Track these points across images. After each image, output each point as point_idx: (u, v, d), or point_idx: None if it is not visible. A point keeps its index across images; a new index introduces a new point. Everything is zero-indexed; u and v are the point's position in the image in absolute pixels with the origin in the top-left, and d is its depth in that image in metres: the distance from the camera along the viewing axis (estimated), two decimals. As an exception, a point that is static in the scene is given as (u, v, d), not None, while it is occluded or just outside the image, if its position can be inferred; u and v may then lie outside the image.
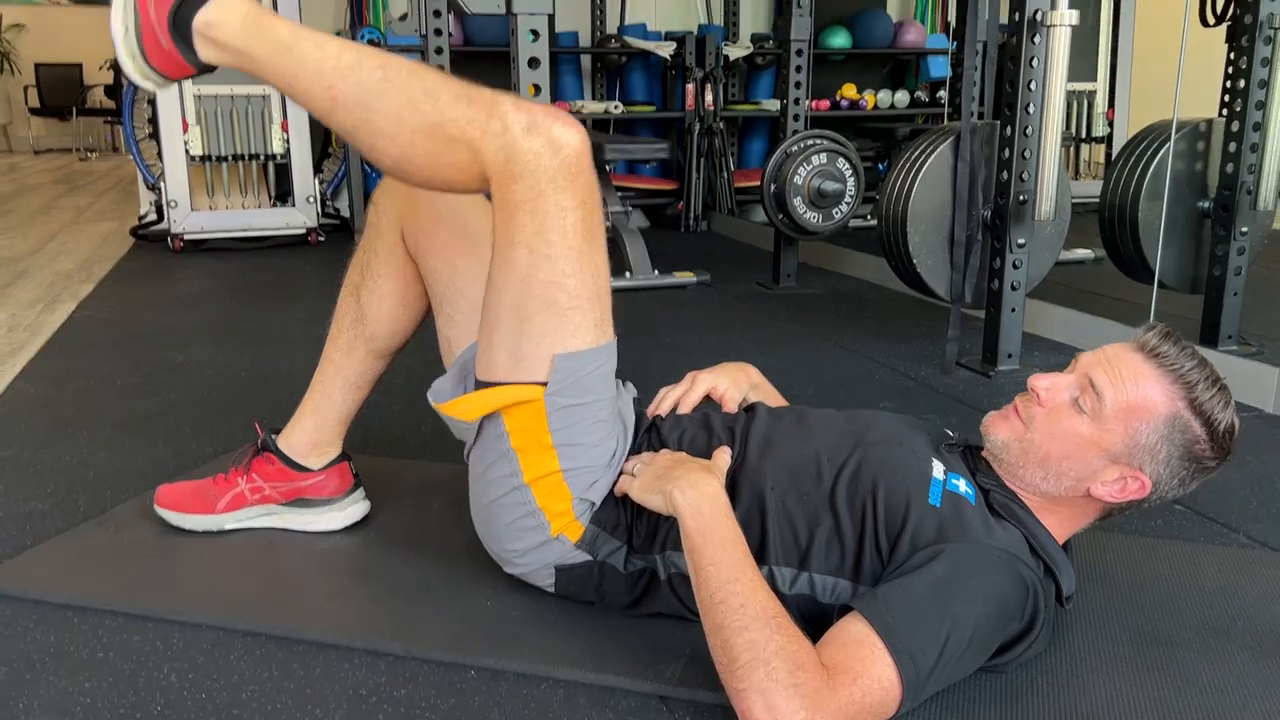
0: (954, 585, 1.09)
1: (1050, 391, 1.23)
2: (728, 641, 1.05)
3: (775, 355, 2.74)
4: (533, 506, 1.30)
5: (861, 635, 1.04)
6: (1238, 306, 2.63)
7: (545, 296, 1.22)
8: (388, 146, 1.22)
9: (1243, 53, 2.54)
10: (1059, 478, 1.22)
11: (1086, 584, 1.40)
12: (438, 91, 1.19)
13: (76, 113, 10.26)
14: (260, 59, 1.25)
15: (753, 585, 1.09)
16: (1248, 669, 1.23)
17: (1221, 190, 2.63)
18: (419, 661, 1.25)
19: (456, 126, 1.18)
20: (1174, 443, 1.18)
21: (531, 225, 1.19)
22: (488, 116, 1.17)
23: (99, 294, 3.54)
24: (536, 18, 2.09)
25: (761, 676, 1.00)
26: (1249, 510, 1.73)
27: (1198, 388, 1.17)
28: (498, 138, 1.17)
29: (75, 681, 1.21)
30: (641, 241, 3.77)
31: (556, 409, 1.26)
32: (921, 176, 2.64)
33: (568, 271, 1.21)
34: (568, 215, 1.20)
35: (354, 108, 1.21)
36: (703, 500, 1.18)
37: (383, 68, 1.20)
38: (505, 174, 1.18)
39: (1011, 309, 2.54)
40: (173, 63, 1.29)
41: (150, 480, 1.79)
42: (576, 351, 1.25)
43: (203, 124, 4.32)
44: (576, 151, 1.18)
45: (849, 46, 5.42)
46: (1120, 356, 1.21)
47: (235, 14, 1.25)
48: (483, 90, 1.20)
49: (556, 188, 1.18)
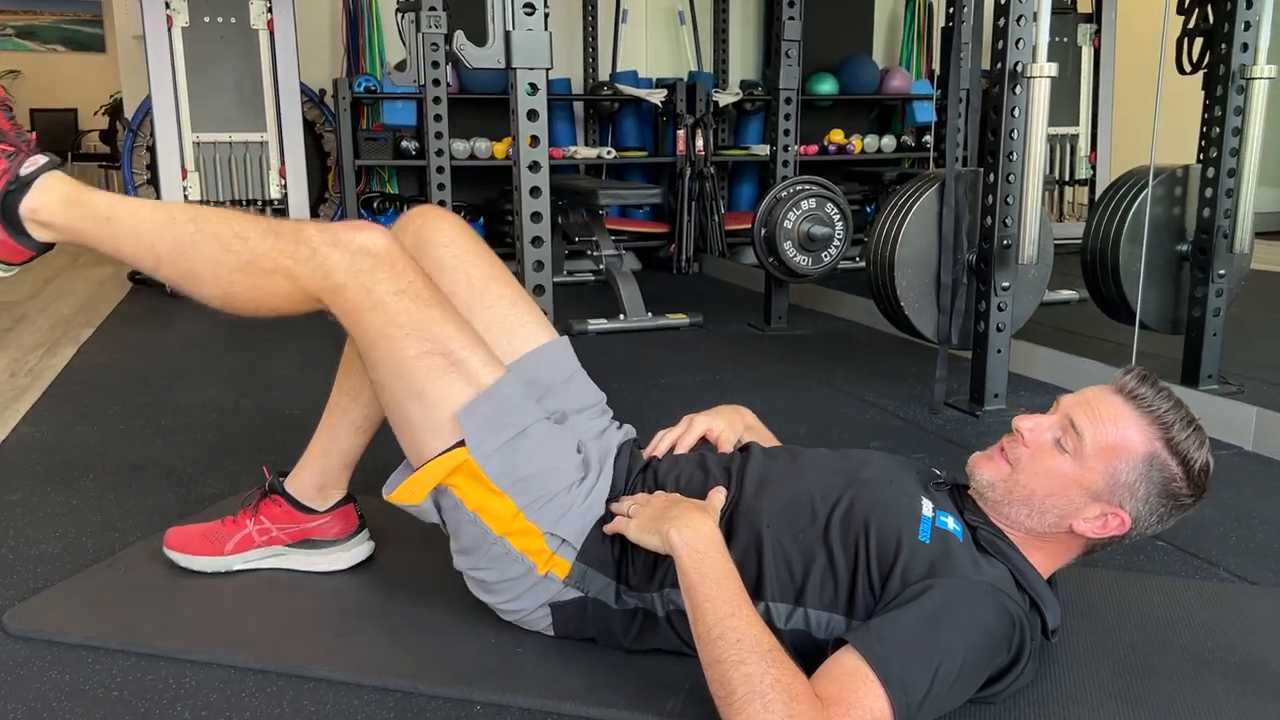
0: (943, 619, 1.13)
1: (1034, 432, 1.28)
2: (725, 675, 1.08)
3: (767, 396, 2.80)
4: (515, 554, 1.35)
5: (854, 667, 1.08)
6: (1217, 347, 2.70)
7: (423, 369, 1.32)
8: (211, 289, 1.36)
9: (1217, 101, 2.63)
10: (1043, 514, 1.27)
11: (1072, 617, 1.45)
12: (246, 232, 1.33)
13: (71, 158, 10.33)
14: (86, 231, 1.39)
15: (748, 620, 1.13)
16: (1228, 698, 1.27)
17: (1199, 234, 2.71)
18: (426, 697, 1.29)
19: (270, 260, 1.32)
20: (1152, 481, 1.23)
21: (377, 319, 1.31)
22: (295, 245, 1.32)
23: (99, 338, 3.59)
24: (535, 72, 2.17)
25: (758, 709, 1.04)
26: (1229, 545, 1.78)
27: (1174, 428, 1.23)
28: (309, 261, 1.31)
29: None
30: (635, 284, 3.83)
31: (485, 457, 1.32)
32: (908, 222, 2.72)
33: (429, 338, 1.32)
34: (402, 297, 1.32)
35: (175, 260, 1.36)
36: (698, 539, 1.22)
37: (194, 220, 1.36)
38: (329, 287, 1.31)
39: (997, 350, 2.61)
40: (11, 249, 1.44)
41: (157, 522, 1.83)
42: (474, 399, 1.32)
43: (201, 170, 4.39)
44: (384, 248, 1.32)
45: (836, 93, 5.53)
46: (1100, 399, 1.27)
47: (55, 196, 1.40)
48: (286, 222, 1.35)
49: (378, 280, 1.31)
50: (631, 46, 5.55)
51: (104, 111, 9.80)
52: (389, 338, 1.31)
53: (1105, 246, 2.87)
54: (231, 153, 4.43)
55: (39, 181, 1.41)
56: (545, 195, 2.34)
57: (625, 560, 1.35)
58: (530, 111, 2.20)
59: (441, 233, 1.57)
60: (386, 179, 5.23)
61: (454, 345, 1.33)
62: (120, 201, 1.41)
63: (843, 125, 5.61)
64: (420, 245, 1.56)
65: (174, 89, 4.27)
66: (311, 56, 4.87)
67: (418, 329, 1.31)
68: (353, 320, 1.33)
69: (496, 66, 2.11)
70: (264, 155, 4.48)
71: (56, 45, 11.04)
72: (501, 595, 1.39)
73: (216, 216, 1.37)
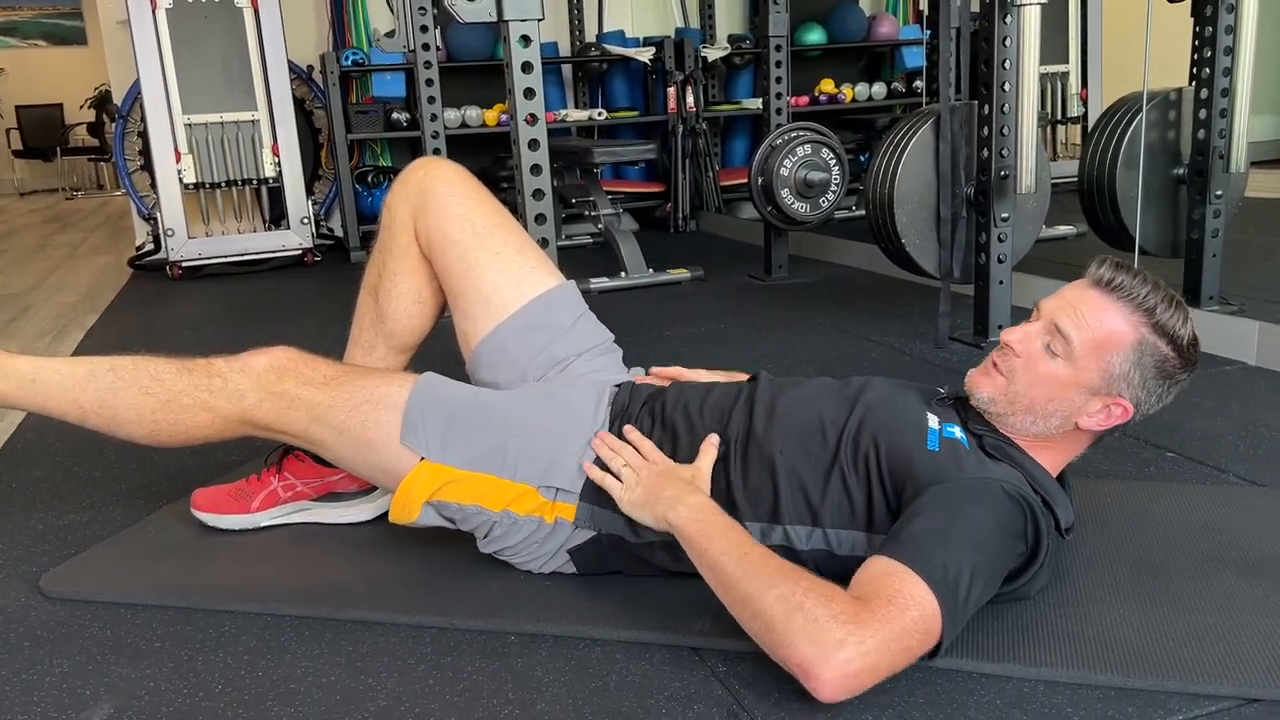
0: (963, 516, 1.15)
1: (1023, 343, 1.30)
2: (759, 608, 1.09)
3: (773, 340, 2.82)
4: (521, 519, 1.38)
5: (888, 567, 1.10)
6: (1217, 268, 2.71)
7: (358, 423, 1.41)
8: (137, 430, 1.47)
9: (1207, 22, 2.63)
10: (1047, 419, 1.30)
11: (1086, 524, 1.48)
12: (161, 374, 1.45)
13: (60, 153, 10.30)
14: (13, 395, 1.49)
15: (765, 553, 1.16)
16: (1242, 592, 1.30)
17: (1195, 156, 2.72)
18: (461, 632, 1.32)
19: (187, 396, 1.43)
20: (1145, 365, 1.26)
21: (300, 413, 1.42)
22: (208, 378, 1.44)
23: (105, 323, 3.61)
24: (528, 24, 2.17)
25: (800, 621, 1.04)
26: (1237, 453, 1.81)
27: (1157, 310, 1.25)
28: (221, 391, 1.43)
29: (137, 669, 1.28)
30: (635, 242, 3.84)
31: (442, 452, 1.39)
32: (905, 158, 2.73)
33: (348, 397, 1.41)
34: (311, 385, 1.42)
35: (99, 409, 1.47)
36: (694, 510, 1.25)
37: (112, 369, 1.47)
38: (246, 407, 1.43)
39: (999, 281, 2.63)
40: None
41: (180, 489, 1.86)
42: (404, 418, 1.40)
43: (194, 152, 4.39)
44: (284, 357, 1.44)
45: (824, 42, 5.51)
46: (1080, 297, 1.28)
47: None
48: (198, 360, 1.47)
49: (286, 384, 1.42)
50: (616, 6, 5.52)
51: (90, 104, 9.76)
52: (318, 420, 1.41)
53: (1102, 174, 2.88)
54: (224, 133, 4.42)
55: None
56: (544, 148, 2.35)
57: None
58: (525, 64, 2.21)
59: (445, 182, 1.59)
60: (379, 152, 5.23)
61: (368, 390, 1.42)
62: (44, 363, 1.50)
63: (832, 75, 5.59)
64: (424, 196, 1.58)
65: (162, 72, 4.26)
66: (297, 32, 4.85)
67: (337, 398, 1.41)
68: (281, 425, 1.43)
69: (489, 19, 2.11)
70: (256, 134, 4.47)
71: (37, 40, 10.98)
72: (524, 554, 1.42)
73: (133, 364, 1.47)
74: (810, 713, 1.10)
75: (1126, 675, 1.13)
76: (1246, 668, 1.13)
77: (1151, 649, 1.18)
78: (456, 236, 1.57)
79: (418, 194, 1.59)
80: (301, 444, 1.48)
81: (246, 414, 1.43)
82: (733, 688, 1.16)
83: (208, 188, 4.45)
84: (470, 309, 1.58)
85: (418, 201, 1.59)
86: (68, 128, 10.46)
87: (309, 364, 1.45)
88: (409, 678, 1.23)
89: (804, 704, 1.11)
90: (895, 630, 1.04)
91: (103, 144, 9.66)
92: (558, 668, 1.23)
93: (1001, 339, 1.33)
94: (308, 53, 5.07)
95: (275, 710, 1.17)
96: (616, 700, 1.15)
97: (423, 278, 1.62)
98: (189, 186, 4.41)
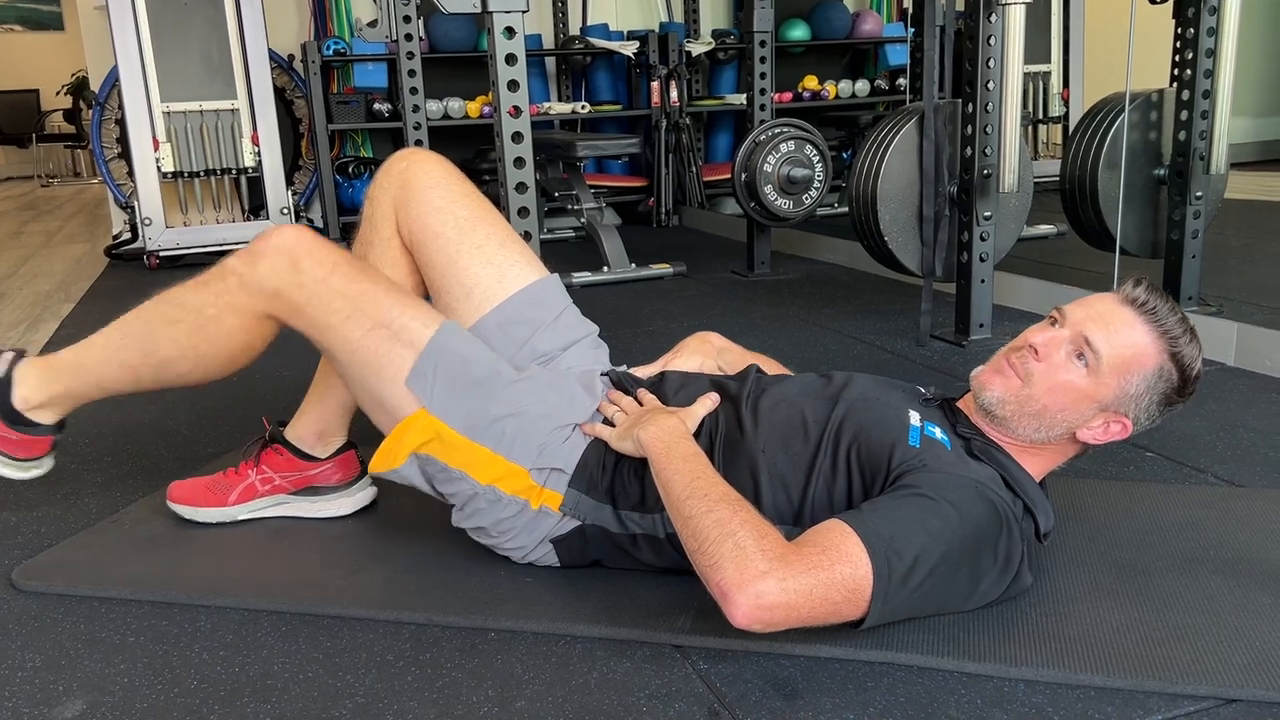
0: (927, 504, 1.15)
1: (1047, 347, 1.29)
2: (696, 527, 1.12)
3: (755, 336, 2.82)
4: (506, 497, 1.37)
5: (832, 524, 1.12)
6: (1197, 268, 2.73)
7: (371, 348, 1.36)
8: (184, 364, 1.44)
9: (1189, 24, 2.64)
10: (1051, 428, 1.30)
11: (1066, 523, 1.48)
12: (180, 297, 1.43)
13: (36, 139, 10.18)
14: (74, 389, 1.50)
15: (715, 480, 1.18)
16: (1220, 592, 1.31)
17: (1176, 157, 2.73)
18: (440, 628, 1.31)
19: (210, 306, 1.40)
20: (1156, 390, 1.27)
21: (317, 312, 1.36)
22: (220, 280, 1.39)
23: (81, 312, 3.56)
24: (512, 15, 2.15)
25: (729, 547, 1.07)
26: (1215, 453, 1.82)
27: (1180, 340, 1.26)
28: (240, 288, 1.38)
29: (110, 664, 1.26)
30: (618, 236, 3.83)
31: (444, 409, 1.36)
32: (889, 156, 2.73)
33: (368, 315, 1.36)
34: (331, 278, 1.36)
35: (144, 359, 1.45)
36: (664, 431, 1.28)
37: (138, 317, 1.46)
38: (267, 299, 1.37)
39: (981, 280, 2.63)
40: (30, 443, 1.53)
41: (156, 481, 1.84)
42: (416, 361, 1.36)
43: (173, 141, 4.34)
44: (293, 238, 1.38)
45: (808, 39, 5.51)
46: (1113, 312, 1.28)
47: (33, 378, 1.50)
48: (209, 269, 1.42)
49: (303, 270, 1.36)
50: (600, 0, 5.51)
51: (66, 91, 9.64)
52: (332, 328, 1.36)
53: (1083, 174, 2.89)
54: (203, 121, 4.38)
55: (15, 374, 1.50)
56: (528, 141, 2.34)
57: (617, 482, 1.37)
58: (509, 55, 2.19)
59: (428, 174, 1.57)
60: (360, 143, 5.19)
61: (392, 315, 1.37)
62: (82, 346, 1.50)
63: (816, 71, 5.59)
64: (406, 187, 1.57)
65: (140, 58, 4.21)
66: (278, 20, 4.81)
67: (356, 310, 1.36)
68: (301, 322, 1.39)
69: (473, 10, 2.09)
70: (235, 123, 4.43)
71: (13, 25, 10.82)
72: (502, 538, 1.41)
73: (153, 303, 1.45)
74: (792, 710, 1.10)
75: (1106, 675, 1.13)
76: (1225, 667, 1.14)
77: (1131, 648, 1.18)
78: (439, 229, 1.55)
79: (400, 186, 1.57)
80: (315, 344, 1.42)
81: (269, 306, 1.38)
82: (714, 685, 1.16)
83: (186, 177, 4.41)
84: (452, 302, 1.56)
85: (400, 193, 1.57)
86: (44, 114, 10.33)
87: (321, 247, 1.38)
88: (388, 674, 1.21)
89: (785, 701, 1.11)
90: (820, 579, 1.06)
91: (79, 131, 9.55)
92: (538, 665, 1.22)
93: (1026, 339, 1.31)
94: (289, 41, 5.02)
95: (252, 707, 1.16)
96: (597, 698, 1.15)
97: (404, 270, 1.60)
98: (167, 175, 4.36)
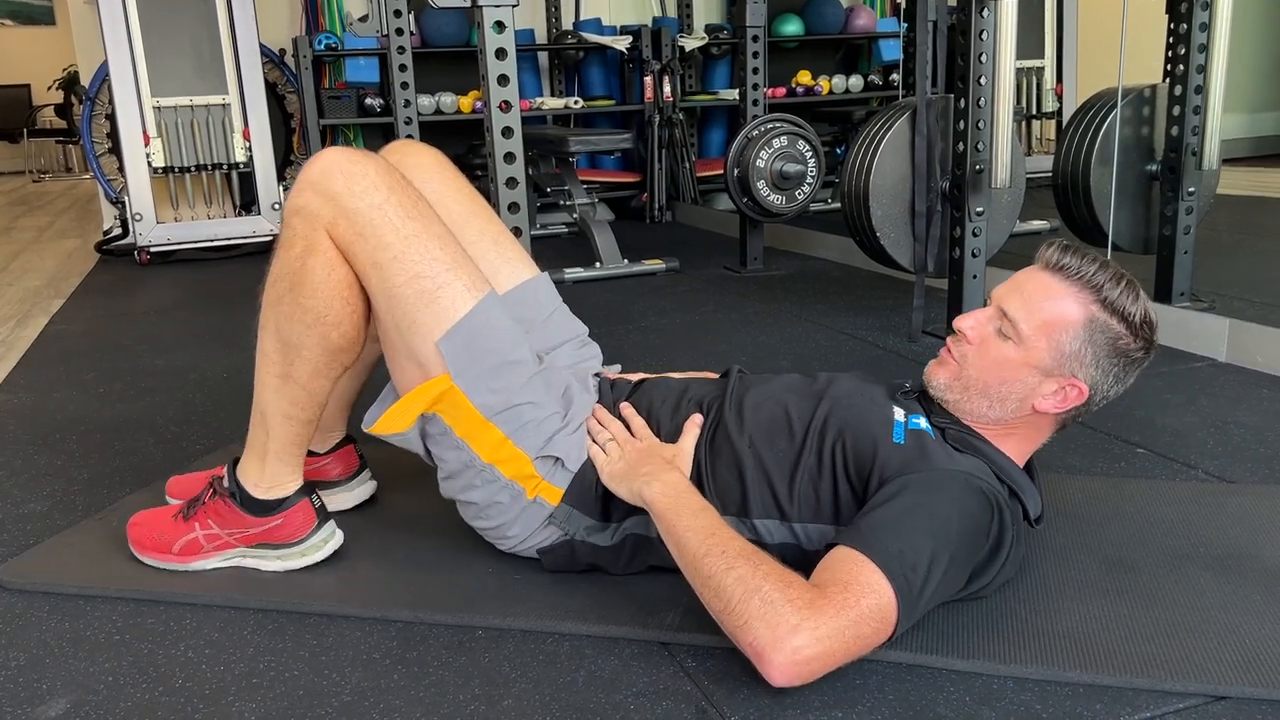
0: (924, 506, 1.15)
1: (975, 328, 1.31)
2: (718, 586, 1.10)
3: (748, 333, 2.81)
4: (503, 480, 1.35)
5: (845, 554, 1.11)
6: (1189, 264, 2.73)
7: (414, 294, 1.30)
8: (314, 331, 1.34)
9: (1182, 19, 2.64)
10: (1003, 402, 1.29)
11: (1056, 521, 1.48)
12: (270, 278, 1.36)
13: (27, 135, 10.12)
14: (276, 438, 1.41)
15: (730, 535, 1.16)
16: (1210, 588, 1.31)
17: (1168, 153, 2.73)
18: (428, 626, 1.30)
19: (296, 259, 1.32)
20: (1096, 343, 1.25)
21: (366, 245, 1.29)
22: (289, 224, 1.33)
23: (71, 308, 3.54)
24: (502, 9, 2.14)
25: (757, 604, 1.06)
26: (1206, 449, 1.82)
27: (1104, 288, 1.25)
28: (301, 226, 1.31)
29: (95, 662, 1.25)
30: (610, 232, 3.82)
31: (470, 383, 1.31)
32: (881, 152, 2.72)
33: (416, 259, 1.30)
34: (386, 209, 1.29)
35: (284, 352, 1.36)
36: (668, 486, 1.26)
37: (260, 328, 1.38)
38: (328, 227, 1.30)
39: (973, 276, 2.63)
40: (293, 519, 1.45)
41: (144, 478, 1.84)
42: (453, 326, 1.30)
43: (164, 136, 4.32)
44: (341, 159, 1.30)
45: (801, 33, 5.50)
46: (1027, 280, 1.30)
47: (248, 464, 1.45)
48: None
49: (356, 195, 1.29)
50: (594, -6, 5.49)
51: (58, 86, 9.59)
52: (378, 265, 1.30)
53: (1076, 169, 2.89)
54: (194, 116, 4.36)
55: (239, 473, 1.44)
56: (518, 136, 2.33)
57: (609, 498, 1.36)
58: (499, 50, 2.18)
59: (421, 168, 1.56)
60: (352, 138, 5.17)
61: (438, 268, 1.30)
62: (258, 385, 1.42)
63: (809, 66, 5.58)
64: (399, 181, 1.55)
65: (131, 53, 4.19)
66: (269, 15, 4.78)
67: (404, 253, 1.29)
68: (351, 251, 1.31)
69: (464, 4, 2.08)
70: (226, 118, 4.41)
71: (4, 20, 10.76)
72: (491, 520, 1.39)
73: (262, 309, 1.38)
74: (780, 708, 1.09)
75: (1095, 672, 1.13)
76: (1214, 664, 1.13)
77: (1120, 645, 1.18)
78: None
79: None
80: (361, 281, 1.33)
81: (331, 232, 1.30)
82: (701, 683, 1.15)
83: (177, 172, 4.39)
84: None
85: None
86: (35, 109, 10.27)
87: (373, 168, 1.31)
88: (374, 672, 1.21)
89: (772, 699, 1.10)
90: (850, 618, 1.05)
91: (71, 126, 9.50)
92: (525, 663, 1.21)
93: (955, 325, 1.34)
94: (280, 36, 4.99)
95: (237, 705, 1.15)
96: (585, 696, 1.14)
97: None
98: (158, 170, 4.34)
